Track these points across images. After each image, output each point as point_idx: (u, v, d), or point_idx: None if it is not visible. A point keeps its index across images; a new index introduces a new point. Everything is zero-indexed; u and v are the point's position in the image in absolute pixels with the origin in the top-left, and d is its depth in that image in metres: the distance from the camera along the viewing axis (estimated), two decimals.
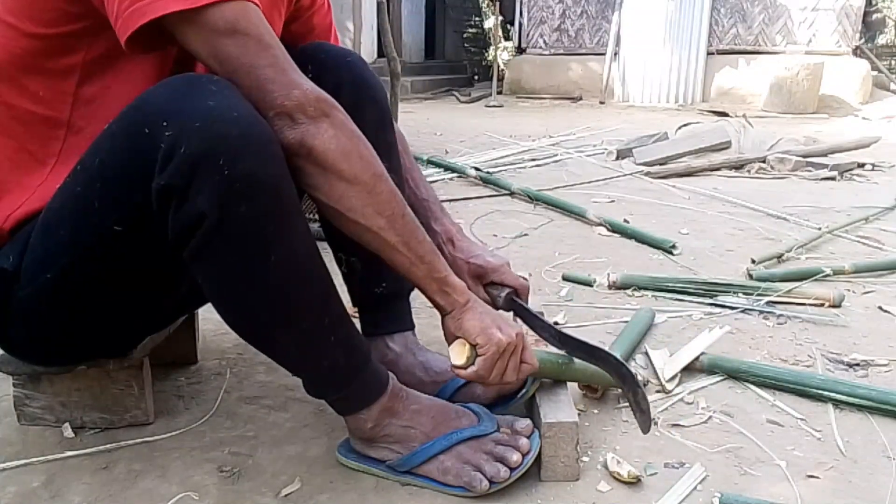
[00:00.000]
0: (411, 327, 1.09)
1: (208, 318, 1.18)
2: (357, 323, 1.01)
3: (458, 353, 0.86)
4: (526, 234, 2.18)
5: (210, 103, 0.71)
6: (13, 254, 0.85)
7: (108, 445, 0.97)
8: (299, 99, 0.76)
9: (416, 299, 1.07)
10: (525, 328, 1.03)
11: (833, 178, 3.14)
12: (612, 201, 2.68)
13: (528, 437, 0.89)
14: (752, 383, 1.16)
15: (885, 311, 1.51)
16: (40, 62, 0.82)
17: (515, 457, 0.87)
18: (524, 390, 0.98)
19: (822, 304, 1.51)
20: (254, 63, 0.75)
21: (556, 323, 1.43)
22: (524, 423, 0.91)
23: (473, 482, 0.85)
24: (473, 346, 0.85)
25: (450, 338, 0.88)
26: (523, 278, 1.08)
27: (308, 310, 0.82)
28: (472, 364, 0.85)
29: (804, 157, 3.35)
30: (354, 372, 0.87)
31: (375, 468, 0.91)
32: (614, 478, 0.90)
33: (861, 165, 3.36)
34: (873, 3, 8.40)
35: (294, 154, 0.77)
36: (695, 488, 0.88)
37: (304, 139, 0.76)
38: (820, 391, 1.11)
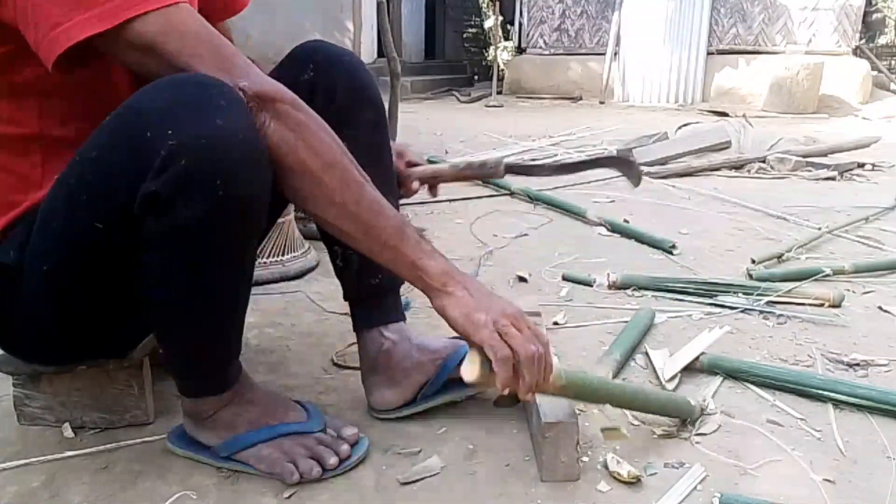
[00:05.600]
0: (404, 318, 1.09)
1: None
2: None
3: (468, 371, 0.79)
4: (526, 235, 2.18)
5: (218, 122, 0.71)
6: (13, 248, 0.85)
7: (108, 445, 0.97)
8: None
9: (416, 299, 1.07)
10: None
11: (833, 178, 3.14)
12: (612, 201, 2.68)
13: (353, 445, 0.93)
14: (752, 383, 1.16)
15: (885, 311, 1.51)
16: None
17: (332, 459, 0.89)
18: None
19: (822, 304, 1.51)
20: (186, 68, 0.73)
21: (556, 323, 1.43)
22: (351, 431, 0.95)
23: (284, 473, 0.88)
24: (482, 352, 0.79)
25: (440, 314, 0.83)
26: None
27: (222, 313, 0.85)
28: (490, 372, 0.78)
29: (804, 157, 3.35)
30: (226, 362, 0.91)
31: (200, 454, 0.94)
32: (614, 478, 0.90)
33: (861, 165, 3.36)
34: (873, 3, 8.41)
35: None
36: (695, 488, 0.88)
37: None
38: (820, 391, 1.11)
